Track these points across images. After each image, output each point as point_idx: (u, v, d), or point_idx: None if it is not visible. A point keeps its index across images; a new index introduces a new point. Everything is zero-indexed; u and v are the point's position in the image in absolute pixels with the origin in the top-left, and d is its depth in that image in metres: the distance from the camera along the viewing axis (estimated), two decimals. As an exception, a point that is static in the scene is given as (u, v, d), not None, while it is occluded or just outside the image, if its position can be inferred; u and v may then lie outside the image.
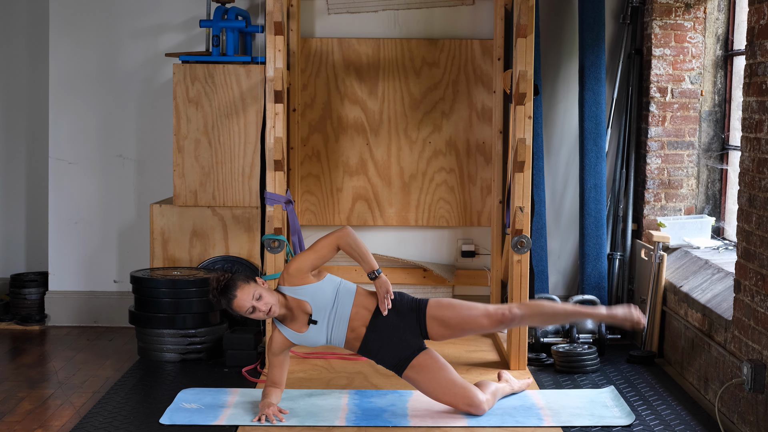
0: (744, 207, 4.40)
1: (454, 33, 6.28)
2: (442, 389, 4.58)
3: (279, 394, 4.66)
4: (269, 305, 4.49)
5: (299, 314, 4.62)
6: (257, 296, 4.47)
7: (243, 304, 4.46)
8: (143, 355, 5.57)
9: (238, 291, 4.47)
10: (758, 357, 4.19)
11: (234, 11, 6.02)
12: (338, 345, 4.67)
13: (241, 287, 4.48)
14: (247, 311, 4.48)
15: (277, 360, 4.67)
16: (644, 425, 4.51)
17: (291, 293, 4.61)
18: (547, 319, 4.85)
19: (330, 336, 4.63)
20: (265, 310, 4.48)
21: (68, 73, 6.32)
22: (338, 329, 4.63)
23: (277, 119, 5.20)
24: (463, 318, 4.62)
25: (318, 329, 4.61)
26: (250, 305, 4.46)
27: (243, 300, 4.46)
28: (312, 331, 4.61)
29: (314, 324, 4.61)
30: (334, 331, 4.63)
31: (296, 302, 4.61)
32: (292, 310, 4.62)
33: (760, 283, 4.16)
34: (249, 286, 4.49)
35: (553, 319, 4.89)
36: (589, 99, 6.01)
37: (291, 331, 4.63)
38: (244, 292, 4.47)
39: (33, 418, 4.62)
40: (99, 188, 6.41)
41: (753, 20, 4.33)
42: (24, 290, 6.47)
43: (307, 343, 4.64)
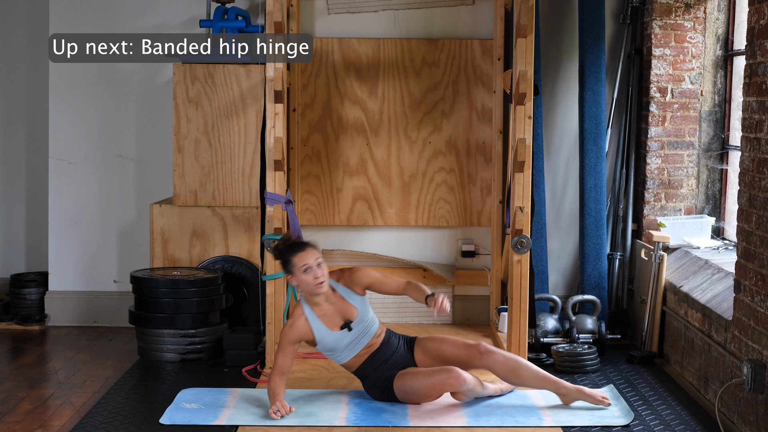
0: (744, 207, 4.40)
1: (454, 33, 6.28)
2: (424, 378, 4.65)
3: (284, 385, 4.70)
4: (325, 277, 4.63)
5: (335, 314, 4.70)
6: (319, 263, 4.63)
7: (308, 258, 4.61)
8: (143, 355, 5.57)
9: (308, 249, 4.64)
10: (758, 357, 4.19)
11: (234, 11, 6.02)
12: (343, 359, 4.74)
13: (310, 249, 4.65)
14: (306, 267, 4.60)
15: (291, 348, 4.68)
16: (644, 425, 4.51)
17: (343, 293, 4.72)
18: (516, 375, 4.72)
19: (348, 347, 4.71)
20: (320, 276, 4.61)
21: (68, 72, 6.32)
22: (357, 346, 4.72)
23: (277, 119, 5.20)
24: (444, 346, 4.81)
25: (346, 337, 4.69)
26: (314, 263, 4.60)
27: (309, 256, 4.62)
28: (340, 336, 4.68)
29: (348, 330, 4.68)
30: (354, 346, 4.72)
31: (342, 303, 4.71)
32: (332, 306, 4.69)
33: (760, 283, 4.16)
34: (316, 252, 4.65)
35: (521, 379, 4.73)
36: (589, 99, 6.01)
37: (322, 325, 4.67)
38: (312, 253, 4.63)
39: (33, 418, 4.62)
40: (99, 188, 6.42)
41: (753, 20, 4.33)
42: (24, 290, 6.47)
43: (326, 342, 4.68)
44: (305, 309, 4.70)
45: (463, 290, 6.39)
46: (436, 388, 4.66)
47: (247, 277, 5.91)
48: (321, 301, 4.70)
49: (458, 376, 4.63)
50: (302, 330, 4.69)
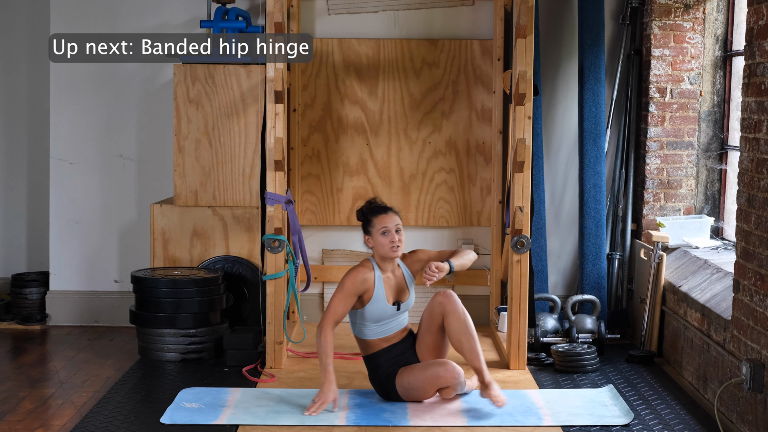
0: (743, 207, 4.40)
1: (453, 33, 6.29)
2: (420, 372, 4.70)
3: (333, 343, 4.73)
4: (401, 244, 4.72)
5: (393, 289, 4.79)
6: (398, 229, 4.73)
7: (388, 222, 4.70)
8: (144, 354, 5.57)
9: (390, 213, 4.74)
10: (757, 356, 4.19)
11: (234, 12, 6.02)
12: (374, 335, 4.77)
13: (392, 213, 4.75)
14: (385, 229, 4.68)
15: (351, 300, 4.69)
16: (643, 424, 4.51)
17: (406, 275, 4.84)
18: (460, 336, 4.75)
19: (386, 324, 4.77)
20: (396, 240, 4.69)
21: (69, 73, 6.33)
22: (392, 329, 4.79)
23: (277, 119, 5.21)
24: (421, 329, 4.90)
25: (393, 314, 4.75)
26: (392, 227, 4.69)
27: (389, 220, 4.71)
28: (389, 309, 4.75)
29: (397, 309, 4.77)
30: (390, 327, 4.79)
31: (402, 283, 4.83)
32: (394, 280, 4.79)
33: (759, 283, 4.17)
34: (397, 218, 4.74)
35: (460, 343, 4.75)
36: (588, 99, 6.02)
37: (383, 290, 4.74)
38: (393, 217, 4.73)
39: (34, 417, 4.62)
40: (100, 188, 6.42)
41: (752, 21, 4.33)
42: (25, 290, 6.48)
43: (375, 309, 4.73)
44: (375, 270, 4.76)
45: (463, 290, 6.39)
46: (431, 381, 4.68)
47: (248, 276, 5.92)
48: (388, 269, 4.78)
49: (453, 369, 4.66)
50: (368, 282, 4.73)
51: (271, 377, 5.19)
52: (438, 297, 4.78)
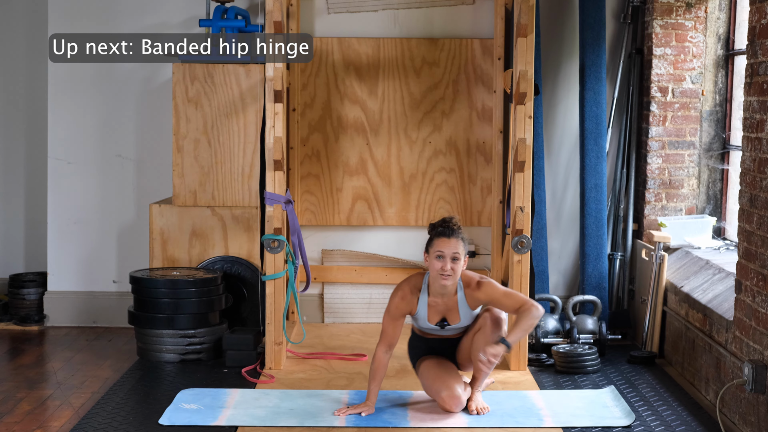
0: (745, 207, 4.39)
1: (454, 32, 6.27)
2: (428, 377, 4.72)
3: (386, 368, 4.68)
4: (453, 274, 4.54)
5: (442, 311, 4.68)
6: (456, 257, 4.53)
7: (445, 247, 4.53)
8: (142, 355, 5.56)
9: (453, 239, 4.54)
10: (759, 357, 4.18)
11: (233, 11, 6.01)
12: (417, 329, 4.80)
13: (456, 241, 4.54)
14: (440, 254, 4.53)
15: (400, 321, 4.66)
16: (645, 426, 4.50)
17: (460, 303, 4.67)
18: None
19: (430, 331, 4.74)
20: (447, 270, 4.53)
21: (67, 72, 6.31)
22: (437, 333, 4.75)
23: (276, 119, 5.19)
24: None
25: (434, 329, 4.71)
26: (449, 254, 4.52)
27: (448, 245, 4.53)
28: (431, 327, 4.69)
29: (440, 328, 4.70)
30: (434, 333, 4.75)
31: (453, 308, 4.68)
32: (444, 303, 4.67)
33: (761, 284, 4.15)
34: (460, 245, 4.54)
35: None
36: (589, 98, 6.00)
37: (426, 312, 4.66)
38: (454, 244, 4.53)
39: (32, 418, 4.61)
40: (98, 188, 6.40)
41: (754, 19, 4.32)
42: (23, 290, 6.46)
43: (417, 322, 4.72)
44: (423, 290, 4.66)
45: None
46: (432, 392, 4.68)
47: (247, 277, 5.90)
48: (438, 292, 4.64)
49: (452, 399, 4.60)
50: (410, 306, 4.65)
51: (270, 378, 5.17)
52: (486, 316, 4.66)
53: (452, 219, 4.64)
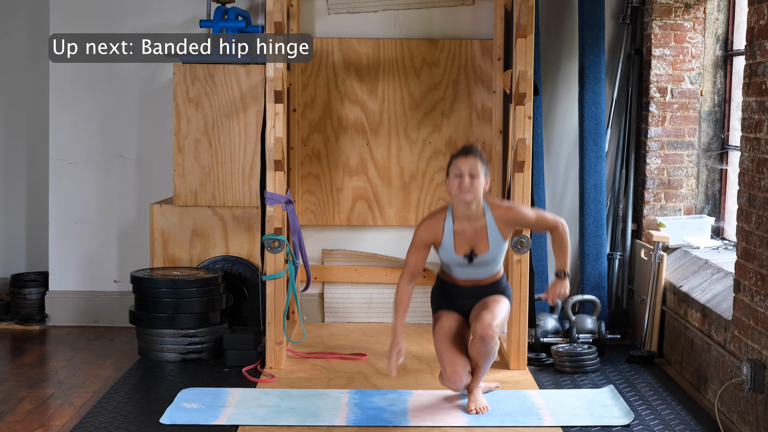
0: (744, 207, 4.39)
1: (454, 33, 6.28)
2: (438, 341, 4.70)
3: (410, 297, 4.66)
4: (473, 189, 4.51)
5: (470, 239, 4.60)
6: (473, 174, 4.50)
7: (463, 165, 4.52)
8: (143, 354, 5.56)
9: (470, 157, 4.53)
10: (758, 357, 4.19)
11: (234, 11, 6.01)
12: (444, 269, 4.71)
13: (473, 158, 4.52)
14: (458, 173, 4.52)
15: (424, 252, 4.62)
16: (644, 425, 4.51)
17: (489, 226, 4.59)
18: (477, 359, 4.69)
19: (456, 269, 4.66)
20: (465, 186, 4.50)
21: (68, 72, 6.32)
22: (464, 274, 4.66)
23: (277, 119, 5.20)
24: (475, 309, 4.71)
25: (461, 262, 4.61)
26: (467, 171, 4.50)
27: (465, 163, 4.52)
28: (458, 260, 4.60)
29: (468, 262, 4.60)
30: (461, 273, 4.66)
31: (481, 234, 4.59)
32: (471, 229, 4.59)
33: (759, 283, 4.16)
34: (478, 163, 4.52)
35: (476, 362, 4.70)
36: (588, 99, 6.01)
37: (452, 241, 4.58)
38: (471, 162, 4.52)
39: (33, 417, 4.61)
40: (99, 188, 6.41)
41: (753, 20, 4.33)
42: (24, 290, 6.47)
43: (444, 255, 4.63)
44: (447, 217, 4.61)
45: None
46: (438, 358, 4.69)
47: (248, 276, 5.91)
48: (463, 216, 4.58)
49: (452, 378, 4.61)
50: (435, 234, 4.59)
51: (270, 377, 5.18)
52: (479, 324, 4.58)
53: (472, 144, 4.68)
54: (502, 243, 4.63)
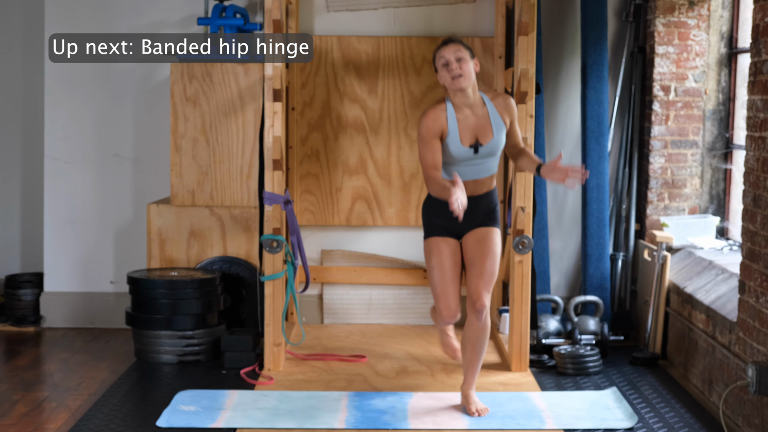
0: (748, 207, 4.38)
1: (454, 31, 6.24)
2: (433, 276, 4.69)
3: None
4: (464, 74, 4.46)
5: (473, 128, 4.55)
6: (460, 58, 4.47)
7: (447, 53, 4.48)
8: (140, 356, 5.54)
9: (451, 44, 4.50)
10: (763, 359, 4.16)
11: (232, 9, 5.99)
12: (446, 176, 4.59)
13: (454, 44, 4.49)
14: (445, 61, 4.48)
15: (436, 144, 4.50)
16: (647, 428, 4.48)
17: (491, 112, 4.56)
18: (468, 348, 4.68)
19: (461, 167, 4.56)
20: (455, 70, 4.46)
21: (64, 71, 6.29)
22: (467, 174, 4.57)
23: (275, 118, 5.17)
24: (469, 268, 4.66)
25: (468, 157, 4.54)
26: (452, 57, 4.47)
27: (448, 50, 4.49)
28: (464, 151, 4.52)
29: (474, 152, 4.54)
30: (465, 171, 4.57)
31: (484, 121, 4.56)
32: (474, 117, 4.55)
33: (765, 284, 4.14)
34: (461, 48, 4.49)
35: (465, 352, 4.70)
36: (591, 97, 5.98)
37: (457, 130, 4.52)
38: (453, 47, 4.49)
39: (28, 420, 4.58)
40: (95, 188, 6.38)
41: (758, 17, 4.31)
42: (19, 291, 6.44)
43: (449, 149, 4.52)
44: (448, 108, 4.53)
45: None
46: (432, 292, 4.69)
47: (246, 277, 5.88)
48: (462, 104, 4.53)
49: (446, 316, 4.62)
50: (441, 123, 4.51)
51: (269, 379, 5.15)
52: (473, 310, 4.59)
53: (451, 35, 4.72)
54: (503, 129, 4.58)
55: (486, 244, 4.63)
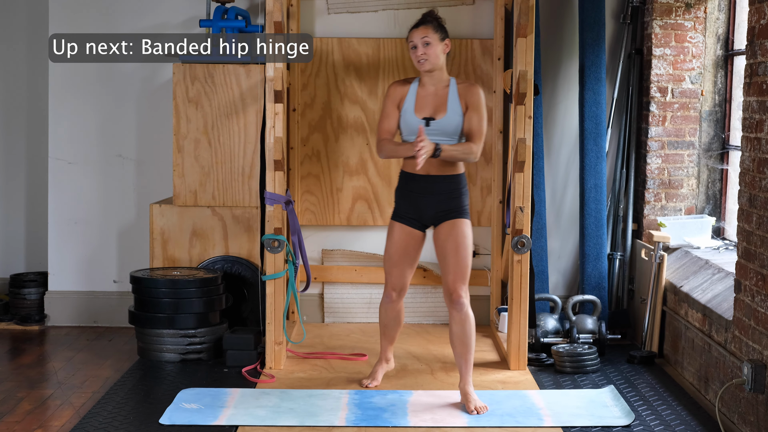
0: (744, 207, 4.39)
1: (454, 33, 6.25)
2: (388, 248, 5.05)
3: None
4: (428, 57, 4.77)
5: (431, 104, 4.82)
6: (427, 42, 4.77)
7: (415, 36, 4.80)
8: (143, 355, 5.56)
9: (421, 27, 4.80)
10: (759, 357, 4.18)
11: (234, 11, 6.01)
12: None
13: (424, 27, 4.80)
14: (412, 44, 4.80)
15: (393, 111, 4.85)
16: (644, 425, 4.50)
17: (451, 95, 4.82)
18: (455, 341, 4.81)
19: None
20: (420, 54, 4.78)
21: (68, 72, 6.31)
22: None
23: (276, 119, 5.19)
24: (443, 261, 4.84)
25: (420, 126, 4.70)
26: (420, 41, 4.77)
27: (417, 34, 4.80)
28: (415, 122, 4.77)
29: (426, 124, 4.77)
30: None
31: (442, 100, 4.82)
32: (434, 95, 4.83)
33: (760, 283, 4.15)
34: (430, 30, 4.78)
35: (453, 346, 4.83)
36: (589, 99, 6.00)
37: (413, 102, 4.82)
38: (422, 31, 4.79)
39: (33, 418, 4.61)
40: (99, 188, 6.40)
41: (753, 20, 4.32)
42: (23, 290, 6.46)
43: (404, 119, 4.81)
44: (414, 82, 4.88)
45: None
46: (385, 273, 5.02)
47: (247, 277, 5.90)
48: (428, 82, 4.84)
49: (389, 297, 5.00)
50: (402, 93, 4.86)
51: (270, 378, 5.17)
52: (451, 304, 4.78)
53: (429, 11, 4.91)
54: (460, 113, 4.80)
55: (455, 237, 4.79)
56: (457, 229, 4.78)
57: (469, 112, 4.80)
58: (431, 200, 4.80)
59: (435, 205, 4.81)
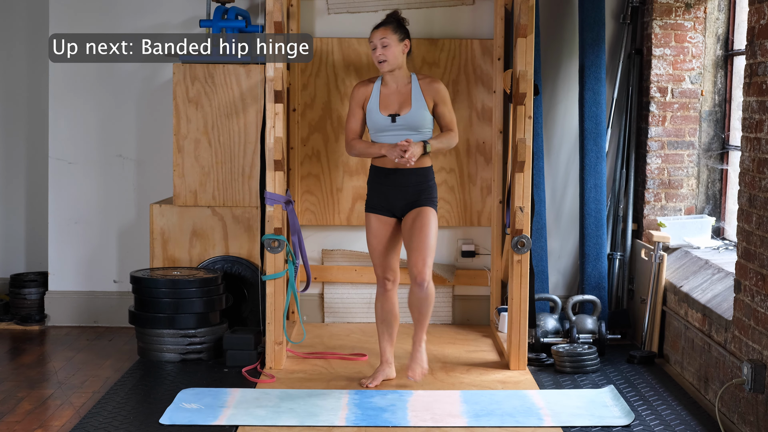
0: (744, 207, 4.39)
1: (454, 33, 6.27)
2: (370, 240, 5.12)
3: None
4: (386, 59, 4.97)
5: (395, 101, 5.02)
6: (385, 44, 4.96)
7: (374, 37, 5.00)
8: (143, 355, 5.56)
9: (380, 29, 5.00)
10: (758, 357, 4.18)
11: (234, 11, 6.01)
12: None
13: (383, 29, 4.99)
14: (373, 45, 4.99)
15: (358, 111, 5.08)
16: (644, 425, 4.50)
17: (414, 91, 5.04)
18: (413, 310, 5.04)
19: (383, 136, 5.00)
20: (379, 55, 4.97)
21: (68, 72, 6.32)
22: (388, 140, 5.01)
23: (277, 119, 5.20)
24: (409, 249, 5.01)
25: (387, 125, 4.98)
26: (378, 43, 4.97)
27: (375, 35, 4.99)
28: (382, 120, 4.98)
29: (392, 121, 4.97)
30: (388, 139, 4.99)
31: (406, 97, 5.02)
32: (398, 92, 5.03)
33: (760, 283, 4.16)
34: (389, 32, 4.97)
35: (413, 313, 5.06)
36: (589, 99, 6.01)
37: (377, 100, 5.01)
38: (380, 32, 4.98)
39: (33, 418, 4.61)
40: (99, 188, 6.41)
41: (753, 20, 4.33)
42: (24, 290, 6.47)
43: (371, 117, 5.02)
44: (377, 81, 5.07)
45: (463, 290, 6.38)
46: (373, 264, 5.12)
47: (247, 277, 5.91)
48: (390, 80, 5.03)
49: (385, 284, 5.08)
50: (365, 93, 5.06)
51: (270, 378, 5.18)
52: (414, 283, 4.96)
53: (393, 11, 5.11)
54: (424, 107, 5.00)
55: (421, 221, 4.97)
56: (422, 215, 4.98)
57: (440, 108, 5.05)
58: (401, 193, 5.00)
59: (404, 197, 5.01)
